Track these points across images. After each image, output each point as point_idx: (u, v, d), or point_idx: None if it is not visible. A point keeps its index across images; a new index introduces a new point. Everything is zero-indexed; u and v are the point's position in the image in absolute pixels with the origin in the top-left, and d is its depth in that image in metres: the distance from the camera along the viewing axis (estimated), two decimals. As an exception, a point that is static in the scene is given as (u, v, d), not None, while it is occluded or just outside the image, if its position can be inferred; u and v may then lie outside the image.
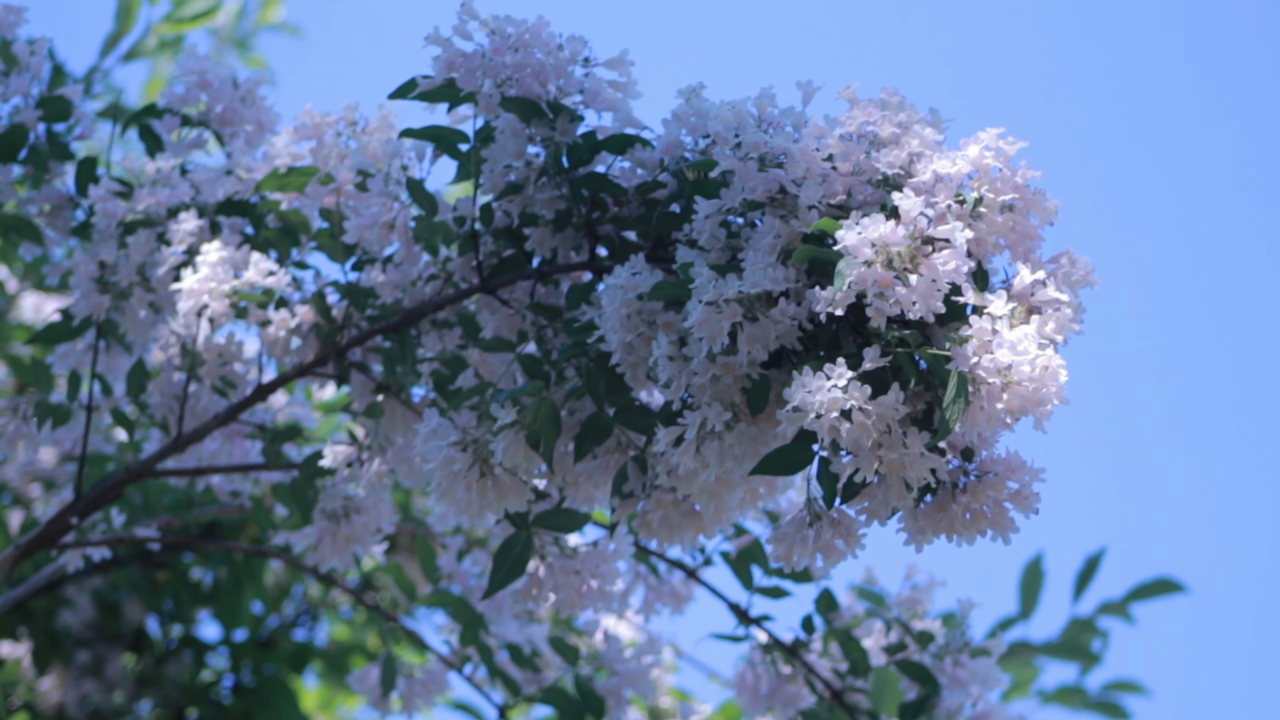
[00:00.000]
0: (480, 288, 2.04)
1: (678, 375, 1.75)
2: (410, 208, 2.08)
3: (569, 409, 1.88)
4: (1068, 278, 1.69)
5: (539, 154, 1.97)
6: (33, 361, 2.30)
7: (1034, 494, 1.67)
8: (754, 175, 1.75)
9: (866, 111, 1.76)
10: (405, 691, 2.42)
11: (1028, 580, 3.45)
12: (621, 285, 1.79)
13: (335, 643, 3.69)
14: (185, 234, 2.15)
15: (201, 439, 2.23)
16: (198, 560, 3.42)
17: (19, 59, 2.27)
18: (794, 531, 1.73)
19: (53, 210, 2.30)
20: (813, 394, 1.62)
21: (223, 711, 3.45)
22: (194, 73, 2.32)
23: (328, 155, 2.17)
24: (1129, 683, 3.51)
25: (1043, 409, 1.61)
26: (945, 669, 2.39)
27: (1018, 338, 1.62)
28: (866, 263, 1.63)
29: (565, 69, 1.96)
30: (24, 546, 2.27)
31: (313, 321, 2.16)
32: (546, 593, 2.02)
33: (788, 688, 2.49)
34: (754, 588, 2.43)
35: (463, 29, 1.95)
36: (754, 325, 1.70)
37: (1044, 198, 1.71)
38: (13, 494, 3.48)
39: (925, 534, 1.69)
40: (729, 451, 1.74)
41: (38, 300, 3.74)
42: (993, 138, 1.71)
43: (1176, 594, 3.45)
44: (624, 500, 1.90)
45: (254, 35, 4.24)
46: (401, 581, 2.65)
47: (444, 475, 1.86)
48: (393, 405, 2.16)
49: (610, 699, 2.51)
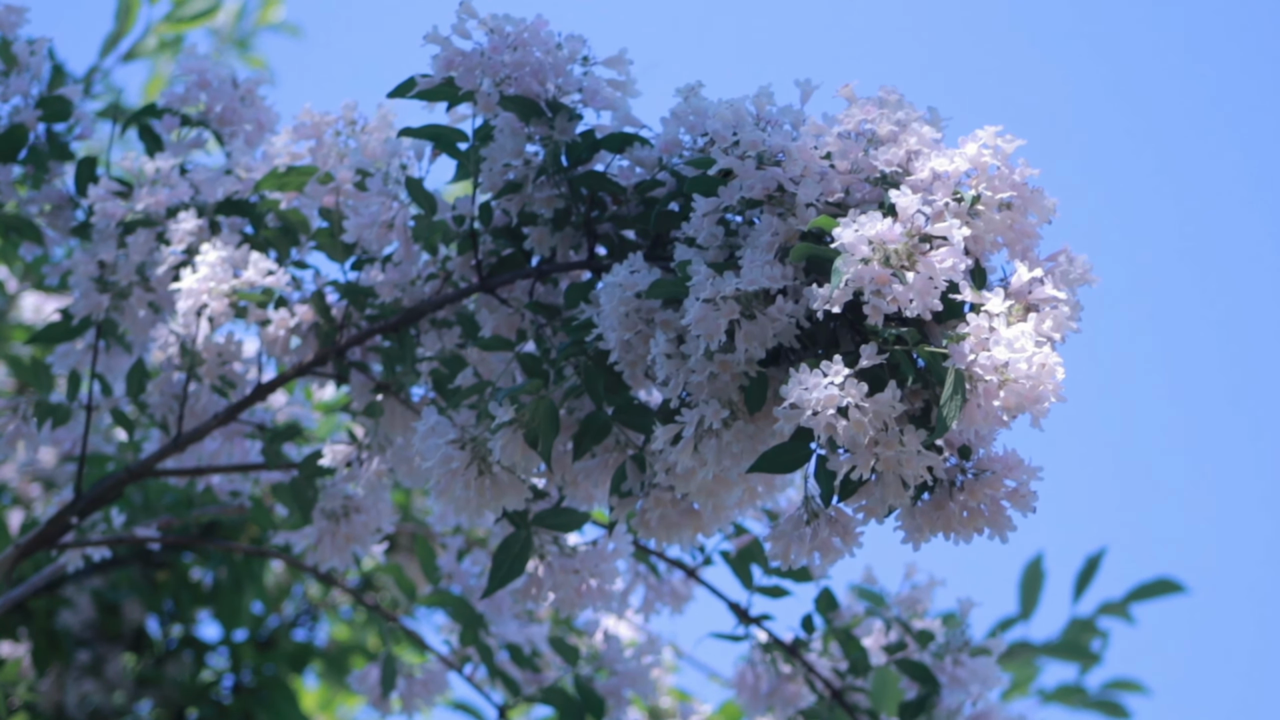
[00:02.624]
0: (479, 287, 2.04)
1: (676, 373, 1.75)
2: (409, 207, 2.08)
3: (568, 407, 1.88)
4: (1065, 276, 1.69)
5: (538, 153, 1.98)
6: (33, 361, 2.30)
7: (1031, 492, 1.67)
8: (752, 173, 1.75)
9: (864, 110, 1.76)
10: (405, 691, 2.42)
11: (1028, 580, 3.45)
12: (620, 283, 1.79)
13: (335, 643, 3.68)
14: (185, 233, 2.15)
15: (201, 439, 2.23)
16: (198, 560, 3.42)
17: (19, 59, 2.27)
18: (792, 530, 1.73)
19: (53, 210, 2.30)
20: (810, 391, 1.62)
21: (223, 711, 3.45)
22: (194, 72, 2.32)
23: (327, 155, 2.17)
24: (1129, 682, 3.51)
25: (1040, 407, 1.61)
26: (945, 668, 2.39)
27: (1015, 335, 1.62)
28: (864, 260, 1.63)
29: (564, 68, 1.96)
30: (24, 546, 2.27)
31: (312, 321, 2.16)
32: (546, 592, 2.02)
33: (788, 687, 2.49)
34: (754, 587, 2.43)
35: (461, 28, 1.95)
36: (751, 323, 1.70)
37: (1042, 196, 1.71)
38: (13, 494, 3.48)
39: (923, 532, 1.69)
40: (727, 449, 1.74)
41: (38, 300, 3.74)
42: (991, 136, 1.71)
43: (1176, 594, 3.45)
44: (623, 499, 1.90)
45: (254, 35, 4.23)
46: (401, 581, 2.65)
47: (442, 473, 1.86)
48: (392, 404, 2.16)
49: (610, 699, 2.51)
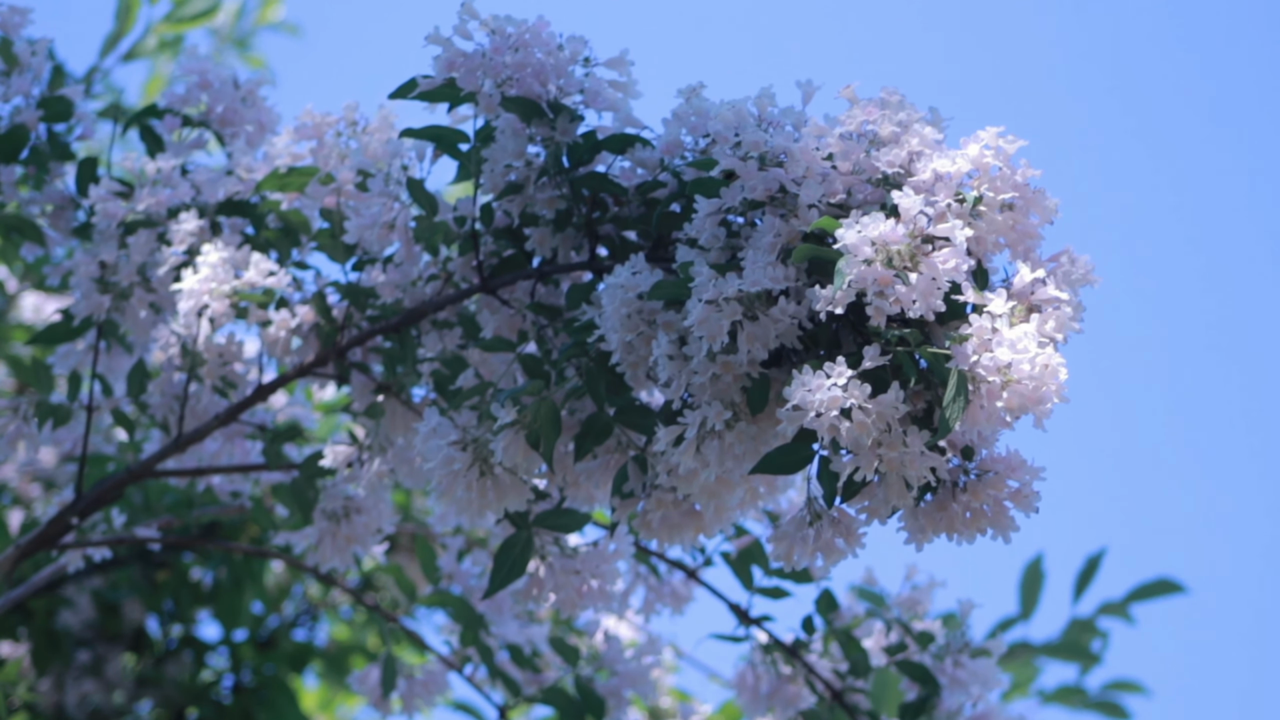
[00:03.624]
0: (480, 288, 2.04)
1: (678, 374, 1.74)
2: (410, 208, 2.08)
3: (569, 409, 1.88)
4: (1068, 276, 1.69)
5: (539, 154, 1.97)
6: (33, 361, 2.30)
7: (1034, 493, 1.67)
8: (754, 174, 1.75)
9: (866, 110, 1.76)
10: (405, 692, 2.42)
11: (1028, 580, 3.45)
12: (622, 285, 1.79)
13: (335, 643, 3.68)
14: (186, 234, 2.15)
15: (202, 439, 2.23)
16: (198, 560, 3.42)
17: (20, 59, 2.27)
18: (794, 531, 1.73)
19: (54, 210, 2.30)
20: (813, 393, 1.62)
21: (223, 711, 3.45)
22: (194, 73, 2.32)
23: (328, 155, 2.17)
24: (1129, 682, 3.51)
25: (1042, 407, 1.61)
26: (945, 669, 2.39)
27: (1018, 336, 1.62)
28: (866, 261, 1.63)
29: (565, 69, 1.95)
30: (24, 546, 2.27)
31: (313, 322, 2.16)
32: (547, 593, 2.02)
33: (788, 688, 2.49)
34: (754, 588, 2.43)
35: (463, 29, 1.95)
36: (754, 324, 1.70)
37: (1044, 196, 1.71)
38: (13, 494, 3.48)
39: (925, 533, 1.69)
40: (729, 451, 1.74)
41: (38, 300, 3.73)
42: (993, 136, 1.71)
43: (1176, 594, 3.45)
44: (624, 500, 1.90)
45: (254, 35, 4.24)
46: (401, 582, 2.65)
47: (444, 474, 1.86)
48: (393, 405, 2.16)
49: (610, 699, 2.51)
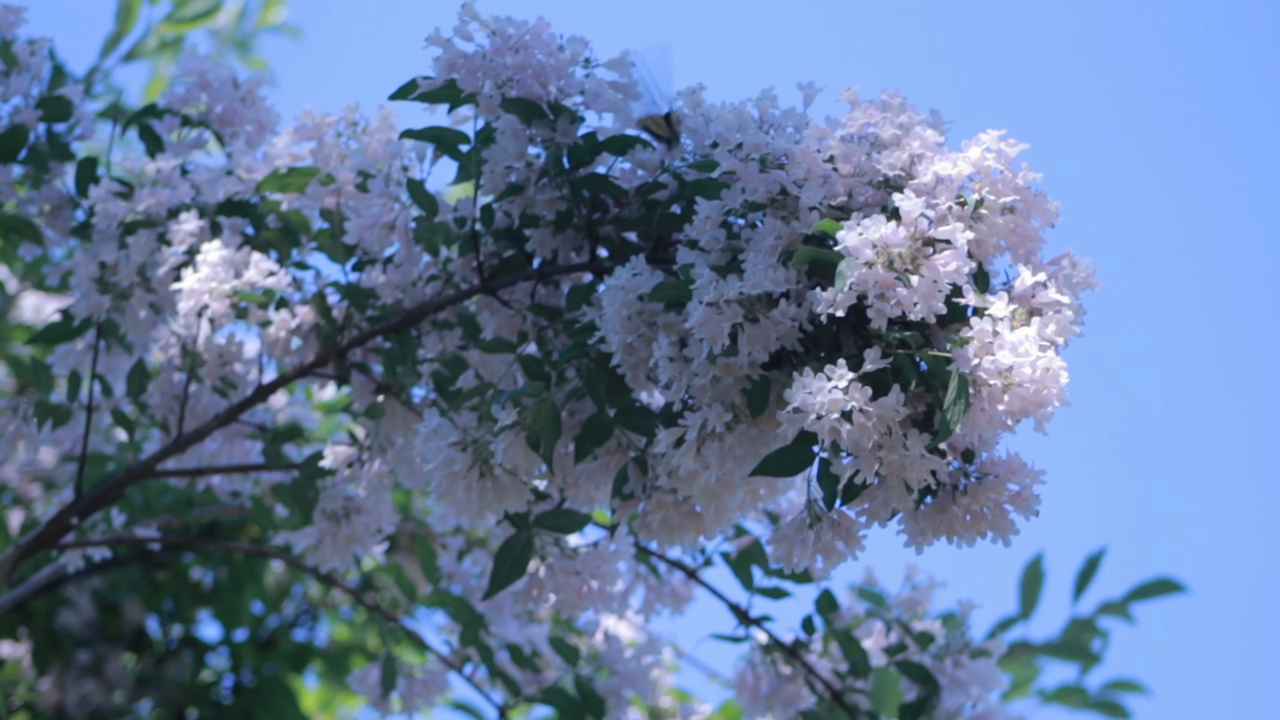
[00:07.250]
0: (481, 288, 2.04)
1: (678, 376, 1.74)
2: (411, 208, 2.08)
3: (569, 410, 1.88)
4: (1069, 280, 1.69)
5: (540, 155, 1.97)
6: (33, 361, 2.30)
7: (1034, 496, 1.67)
8: (755, 176, 1.75)
9: (868, 113, 1.76)
10: (405, 692, 2.42)
11: (1028, 580, 3.45)
12: (622, 286, 1.78)
13: (335, 643, 3.68)
14: (186, 234, 2.15)
15: (202, 439, 2.23)
16: (198, 560, 3.42)
17: (19, 59, 2.26)
18: (794, 533, 1.73)
19: (53, 210, 2.29)
20: (813, 395, 1.61)
21: (223, 711, 3.45)
22: (194, 73, 2.32)
23: (328, 156, 2.17)
24: (1129, 682, 3.50)
25: (1043, 411, 1.61)
26: (945, 669, 2.39)
27: (1019, 339, 1.62)
28: (867, 264, 1.63)
29: (566, 70, 1.95)
30: (24, 546, 2.27)
31: (313, 322, 2.16)
32: (547, 593, 2.02)
33: (788, 688, 2.49)
34: (754, 588, 2.43)
35: (463, 30, 1.95)
36: (755, 326, 1.70)
37: (1045, 200, 1.71)
38: (13, 494, 3.47)
39: (925, 536, 1.69)
40: (729, 453, 1.74)
41: (38, 300, 3.73)
42: (994, 139, 1.71)
43: (1176, 594, 3.44)
44: (624, 501, 1.90)
45: (254, 36, 4.23)
46: (401, 582, 2.65)
47: (444, 476, 1.86)
48: (393, 406, 2.16)
49: (610, 699, 2.51)
